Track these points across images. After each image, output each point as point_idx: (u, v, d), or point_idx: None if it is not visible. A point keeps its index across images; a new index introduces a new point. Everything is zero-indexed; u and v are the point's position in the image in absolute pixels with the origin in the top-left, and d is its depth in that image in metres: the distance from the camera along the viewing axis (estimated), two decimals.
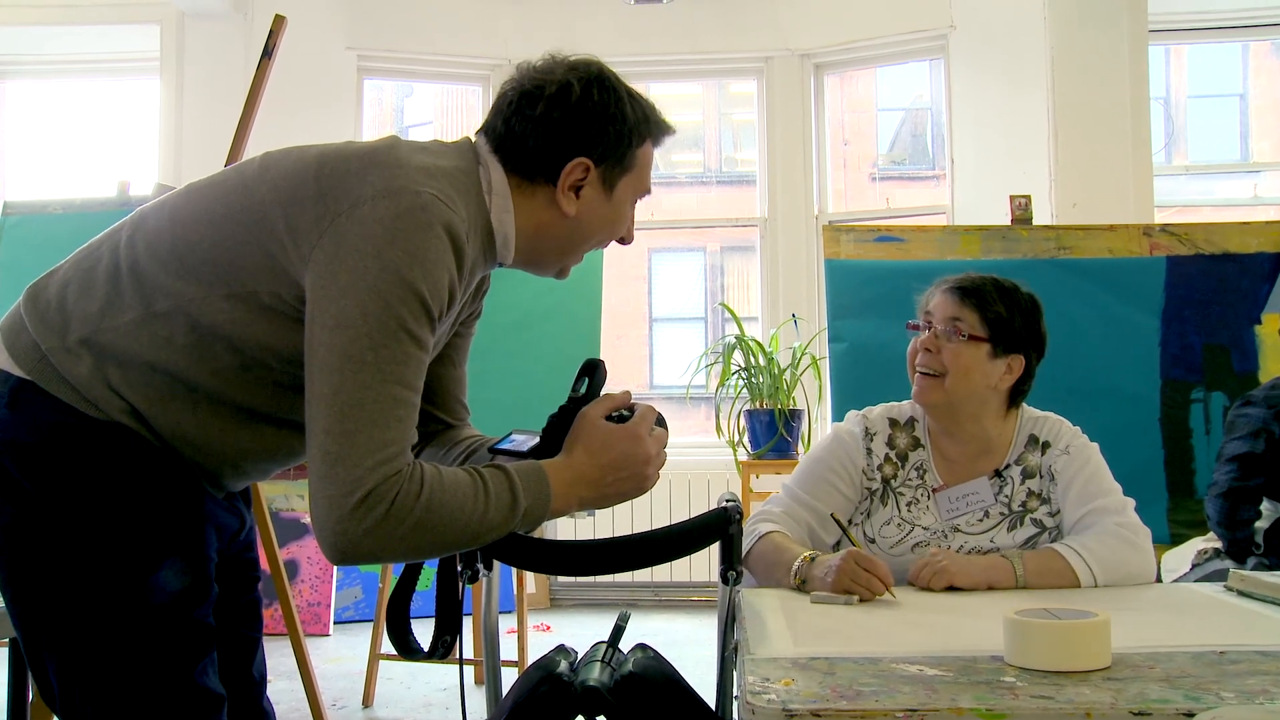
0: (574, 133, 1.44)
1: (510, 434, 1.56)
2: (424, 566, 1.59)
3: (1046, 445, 1.99)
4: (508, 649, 3.76)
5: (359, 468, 1.23)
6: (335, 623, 5.05)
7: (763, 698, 1.07)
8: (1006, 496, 1.96)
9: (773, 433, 5.13)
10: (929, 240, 4.06)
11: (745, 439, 5.25)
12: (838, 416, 3.85)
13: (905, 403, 2.11)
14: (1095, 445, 1.99)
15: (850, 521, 2.00)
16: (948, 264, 3.99)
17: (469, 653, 4.03)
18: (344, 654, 4.60)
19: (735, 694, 1.28)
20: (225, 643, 1.50)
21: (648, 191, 1.56)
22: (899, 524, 1.97)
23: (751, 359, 5.56)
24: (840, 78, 6.29)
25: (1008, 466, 1.99)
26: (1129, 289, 3.91)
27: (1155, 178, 5.11)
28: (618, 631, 1.54)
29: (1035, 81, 5.18)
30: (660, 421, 1.48)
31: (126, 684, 1.31)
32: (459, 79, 6.18)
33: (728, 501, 1.53)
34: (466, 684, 4.15)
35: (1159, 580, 1.91)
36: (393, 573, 3.86)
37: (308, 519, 5.05)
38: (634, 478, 1.43)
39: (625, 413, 1.45)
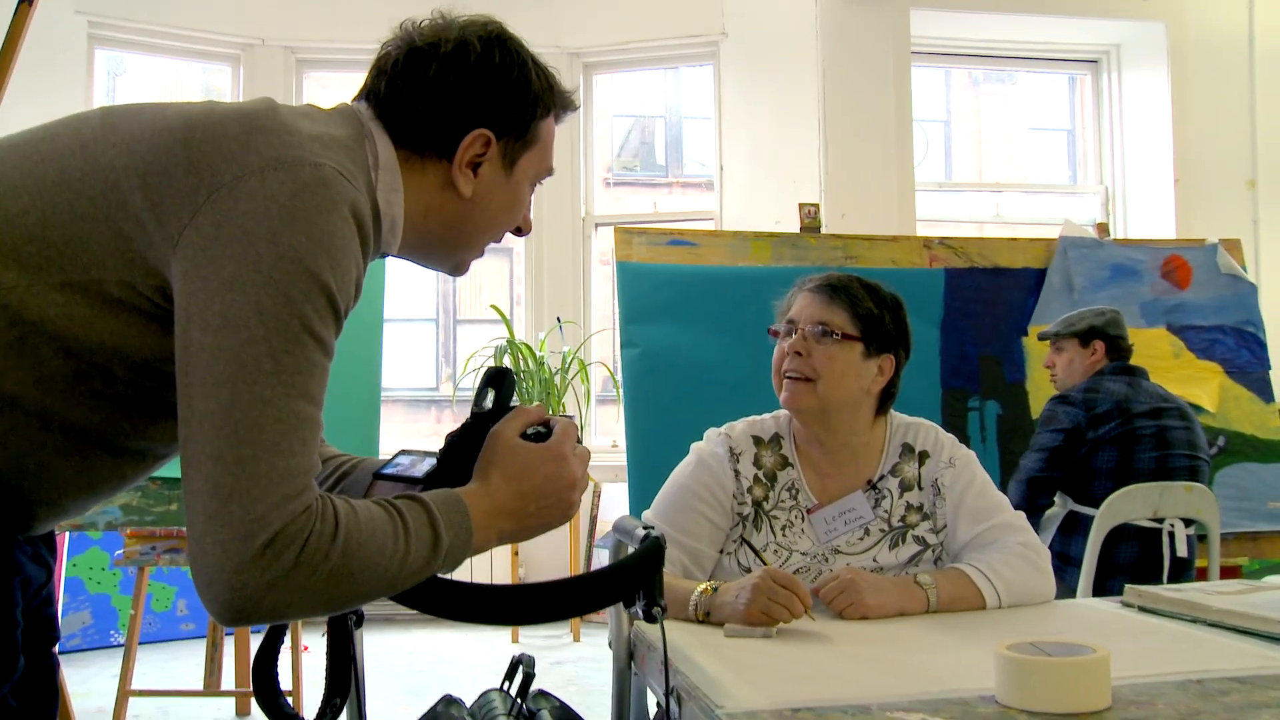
0: (473, 100, 1.23)
1: (395, 457, 1.33)
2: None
3: (924, 455, 1.91)
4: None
5: (260, 504, 0.97)
6: (60, 653, 4.46)
7: None
8: (885, 511, 1.86)
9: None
10: (720, 245, 4.01)
11: None
12: (632, 423, 3.73)
13: (766, 417, 1.97)
14: (973, 453, 1.94)
15: (722, 551, 1.85)
16: (740, 270, 3.97)
17: (231, 683, 3.63)
18: (75, 689, 4.04)
19: None
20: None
21: (550, 172, 1.38)
22: (775, 549, 1.83)
23: (523, 363, 5.40)
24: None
25: (882, 478, 1.89)
26: (911, 299, 3.92)
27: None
28: (528, 679, 1.33)
29: (806, 92, 5.28)
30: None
31: None
32: (206, 57, 5.64)
33: (647, 528, 1.36)
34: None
35: None
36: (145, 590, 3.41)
37: None
38: (558, 505, 1.23)
39: (542, 429, 1.25)
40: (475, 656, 4.63)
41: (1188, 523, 3.17)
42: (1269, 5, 5.64)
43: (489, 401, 1.27)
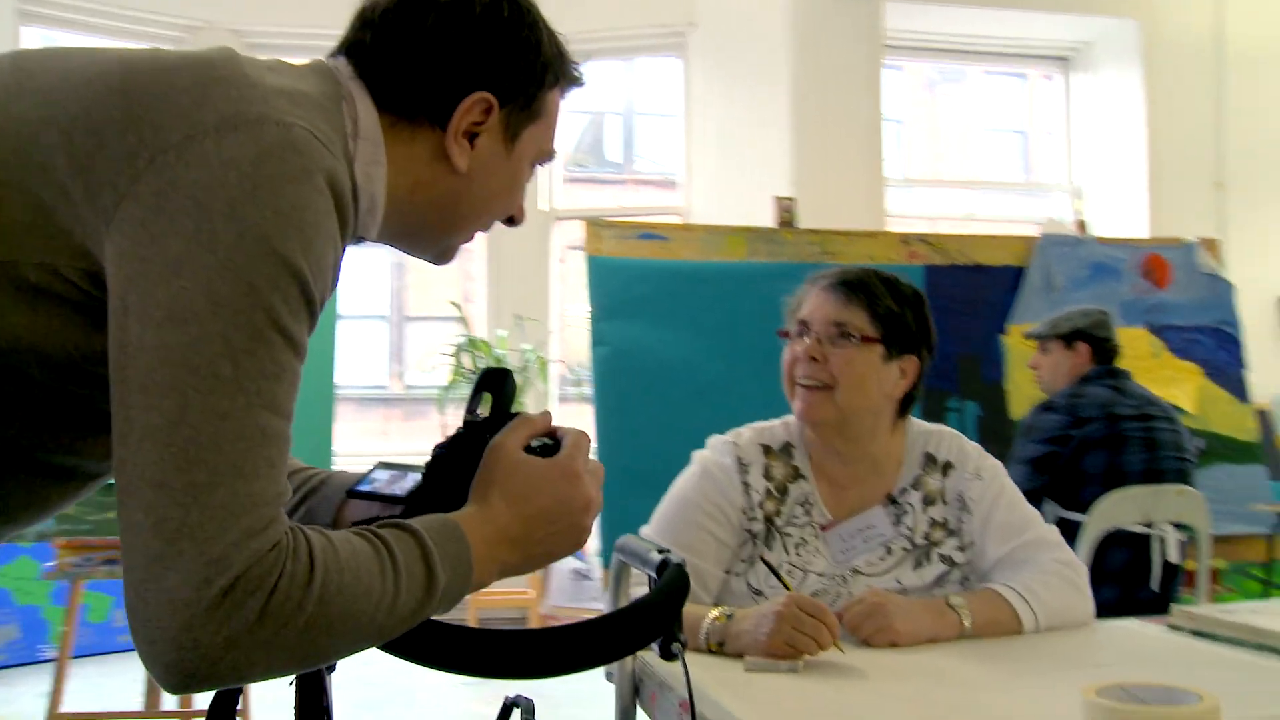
0: (476, 58, 1.04)
1: (371, 471, 1.14)
2: None
3: (949, 466, 1.75)
4: None
5: (217, 542, 0.78)
6: None
7: None
8: (908, 528, 1.70)
9: None
10: (693, 240, 3.86)
11: None
12: (603, 424, 3.56)
13: (775, 423, 1.79)
14: (1000, 463, 1.79)
15: (729, 571, 1.68)
16: (712, 265, 3.81)
17: (174, 703, 3.40)
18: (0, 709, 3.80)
19: None
20: None
21: (552, 154, 1.19)
22: (789, 570, 1.66)
23: (479, 361, 5.22)
24: None
25: (903, 491, 1.73)
26: None
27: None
28: None
29: (775, 86, 5.14)
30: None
31: None
32: (147, 38, 5.35)
33: (662, 550, 1.19)
34: None
35: None
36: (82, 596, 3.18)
37: None
38: (570, 530, 1.03)
39: (549, 441, 1.06)
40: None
41: (1177, 526, 3.08)
42: (1239, 7, 5.61)
43: (485, 408, 1.09)
